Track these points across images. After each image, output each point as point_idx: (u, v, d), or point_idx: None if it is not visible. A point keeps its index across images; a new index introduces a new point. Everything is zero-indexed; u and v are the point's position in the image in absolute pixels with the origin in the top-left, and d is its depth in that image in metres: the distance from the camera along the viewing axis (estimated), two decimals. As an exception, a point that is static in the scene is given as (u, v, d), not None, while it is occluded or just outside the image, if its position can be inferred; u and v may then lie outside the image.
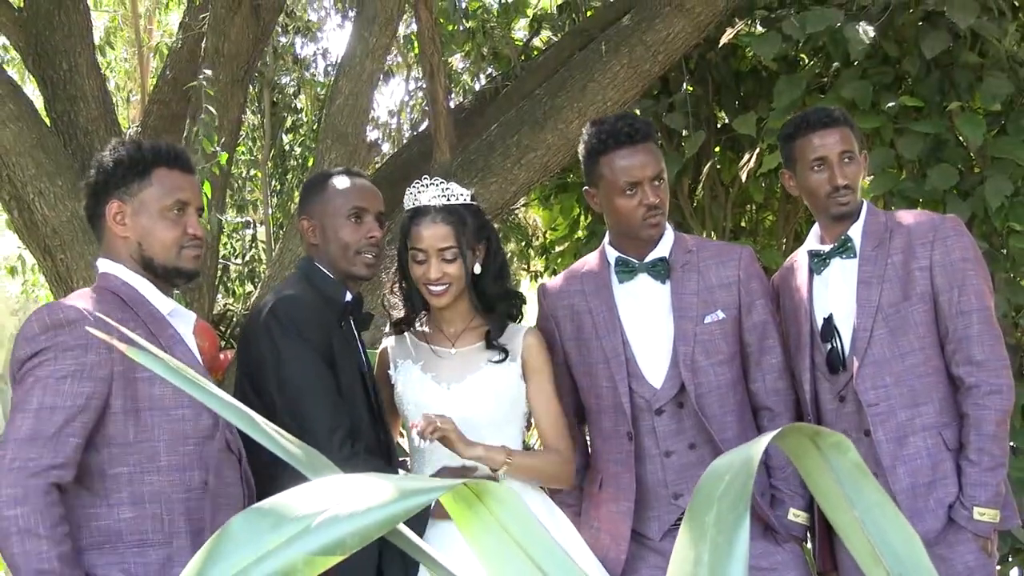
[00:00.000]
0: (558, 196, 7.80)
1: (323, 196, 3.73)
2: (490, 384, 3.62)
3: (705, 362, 3.70)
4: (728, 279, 3.77)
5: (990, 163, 5.68)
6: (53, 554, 2.88)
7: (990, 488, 3.58)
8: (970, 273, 3.67)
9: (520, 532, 1.03)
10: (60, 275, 5.65)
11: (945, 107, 5.71)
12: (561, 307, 3.91)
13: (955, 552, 3.59)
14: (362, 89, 5.77)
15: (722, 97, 7.05)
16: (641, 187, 3.67)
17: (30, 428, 2.93)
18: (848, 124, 3.83)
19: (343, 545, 0.97)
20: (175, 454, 3.11)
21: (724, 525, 0.91)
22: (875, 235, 3.75)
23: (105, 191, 3.25)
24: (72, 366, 2.98)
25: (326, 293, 3.62)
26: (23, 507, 2.87)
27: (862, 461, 1.00)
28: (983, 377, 3.61)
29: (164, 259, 3.23)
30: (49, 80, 6.15)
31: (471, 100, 8.09)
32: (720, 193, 7.30)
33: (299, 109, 9.16)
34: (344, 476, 1.04)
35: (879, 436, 3.66)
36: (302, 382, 3.40)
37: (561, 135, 5.94)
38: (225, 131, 5.86)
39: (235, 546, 1.00)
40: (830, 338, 3.76)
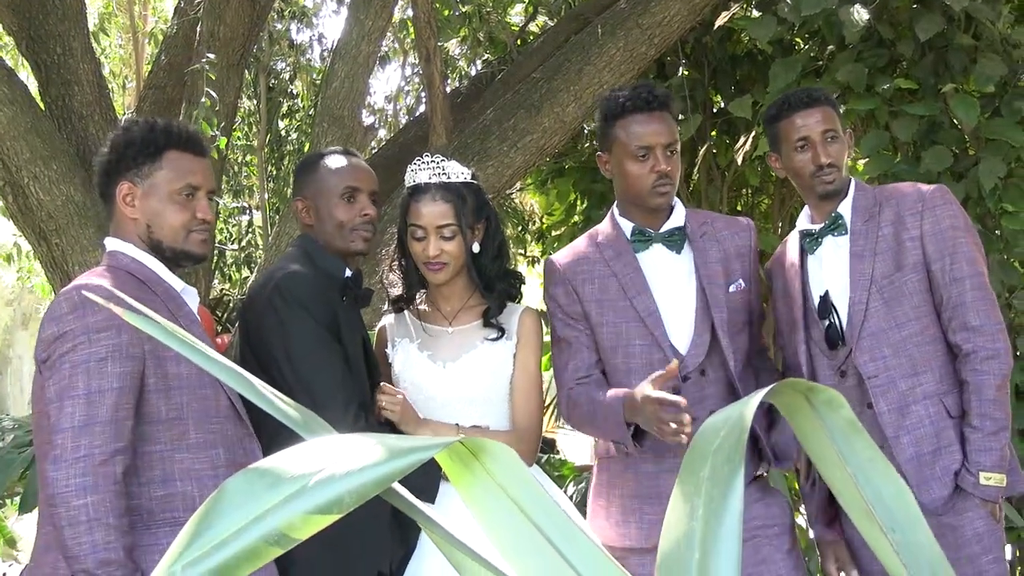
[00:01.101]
0: (555, 181, 7.80)
1: (316, 176, 3.74)
2: (485, 363, 3.64)
3: (733, 329, 3.77)
4: (743, 249, 3.86)
5: (984, 145, 5.68)
6: (119, 545, 2.86)
7: (995, 452, 3.59)
8: (960, 240, 3.68)
9: (517, 490, 1.03)
10: (55, 260, 5.65)
11: (939, 89, 5.71)
12: (580, 272, 3.89)
13: (964, 519, 3.60)
14: (358, 72, 5.77)
15: (718, 80, 7.06)
16: (653, 153, 3.70)
17: (84, 414, 2.90)
18: (830, 103, 3.84)
19: (341, 503, 0.97)
20: (203, 432, 3.11)
21: (719, 478, 0.91)
22: (864, 210, 3.77)
23: (116, 171, 3.24)
24: (108, 347, 2.95)
25: (326, 269, 3.63)
26: (93, 496, 2.85)
27: (855, 417, 1.01)
28: (980, 343, 3.62)
29: (172, 242, 3.23)
30: (43, 64, 6.13)
31: (467, 85, 8.08)
32: (716, 177, 7.31)
33: (295, 94, 9.15)
34: (340, 436, 1.04)
35: (881, 407, 3.67)
36: (313, 357, 3.41)
37: (557, 119, 5.94)
38: (221, 116, 5.85)
39: (233, 506, 1.00)
40: (827, 315, 3.77)
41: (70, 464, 2.87)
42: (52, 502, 2.89)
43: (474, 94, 7.55)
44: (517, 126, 5.94)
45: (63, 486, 2.86)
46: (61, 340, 2.97)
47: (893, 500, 1.00)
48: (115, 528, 2.86)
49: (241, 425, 3.20)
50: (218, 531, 0.99)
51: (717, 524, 0.90)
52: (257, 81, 8.45)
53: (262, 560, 0.98)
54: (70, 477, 2.86)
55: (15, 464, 4.76)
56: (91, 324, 2.96)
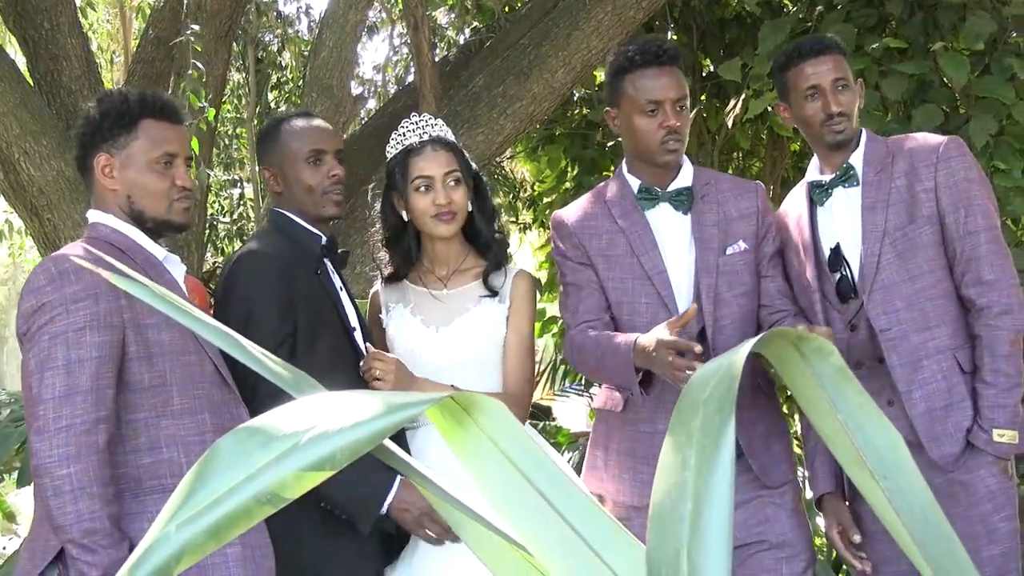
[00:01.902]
0: (545, 148, 7.78)
1: (278, 143, 3.69)
2: (478, 326, 3.64)
3: (728, 294, 3.70)
4: (747, 210, 3.78)
5: (974, 103, 5.68)
6: (104, 514, 2.86)
7: (1008, 409, 3.56)
8: (975, 193, 3.63)
9: (509, 445, 1.03)
10: (48, 236, 5.64)
11: (929, 48, 5.71)
12: (587, 227, 3.85)
13: (976, 476, 3.58)
14: (346, 40, 5.77)
15: (707, 44, 7.05)
16: (663, 108, 3.66)
17: (64, 384, 2.90)
18: (841, 51, 3.79)
19: (333, 460, 0.97)
20: (187, 398, 3.10)
21: (710, 428, 0.91)
22: (877, 160, 3.72)
23: (93, 144, 3.23)
24: (87, 317, 2.95)
25: (299, 241, 3.60)
26: (76, 465, 2.85)
27: (845, 365, 1.01)
28: (994, 297, 3.58)
29: (154, 212, 3.22)
30: (31, 40, 6.10)
31: (456, 53, 8.06)
32: (707, 140, 7.30)
33: (284, 66, 9.12)
34: (331, 393, 1.04)
35: (893, 361, 3.64)
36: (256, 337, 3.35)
37: (546, 84, 5.93)
38: (210, 88, 5.83)
39: (225, 465, 1.00)
40: (839, 267, 3.73)
41: (53, 435, 2.87)
42: (37, 473, 2.90)
43: (463, 62, 7.54)
44: (506, 93, 5.94)
45: (46, 457, 2.87)
46: (40, 312, 2.97)
47: (884, 447, 1.00)
48: (100, 497, 2.87)
49: (227, 390, 3.20)
50: (211, 490, 0.99)
51: (709, 474, 0.90)
52: (245, 53, 8.42)
53: (255, 519, 0.99)
54: (53, 447, 2.87)
55: (12, 438, 4.77)
56: (69, 295, 2.95)
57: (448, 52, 8.28)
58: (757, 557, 3.67)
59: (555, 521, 1.03)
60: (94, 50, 7.81)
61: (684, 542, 0.90)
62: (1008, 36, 5.79)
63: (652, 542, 0.92)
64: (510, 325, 3.72)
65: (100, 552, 2.86)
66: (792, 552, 3.68)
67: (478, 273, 3.73)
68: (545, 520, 1.03)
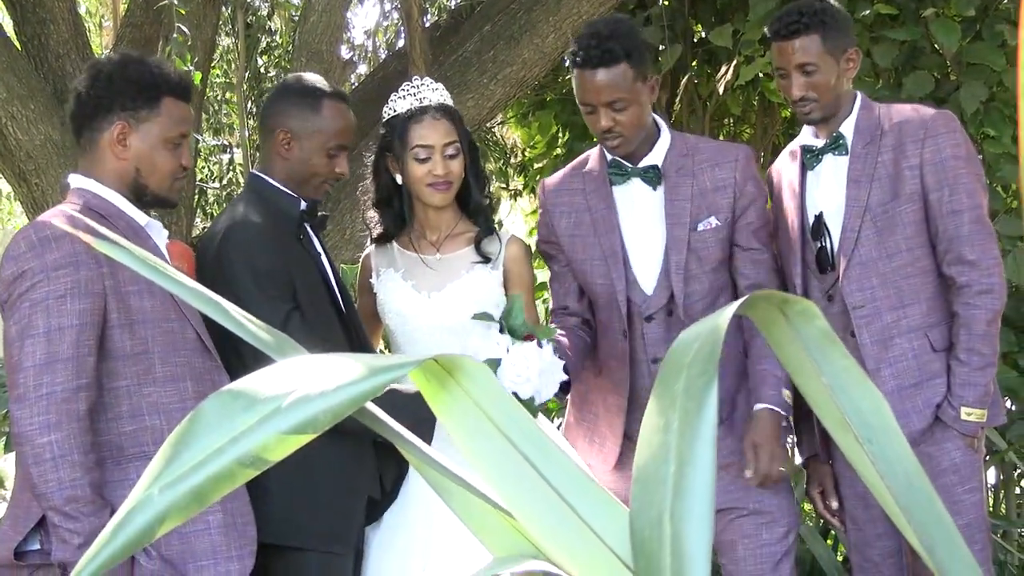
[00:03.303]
0: (535, 114, 7.76)
1: (313, 119, 3.59)
2: (470, 291, 3.63)
3: (698, 269, 3.71)
4: (723, 181, 3.73)
5: (965, 69, 5.66)
6: (85, 481, 2.88)
7: (979, 388, 3.59)
8: (962, 171, 3.62)
9: (492, 407, 1.03)
10: (36, 201, 5.61)
11: (920, 14, 5.69)
12: (559, 203, 3.89)
13: (942, 449, 3.62)
14: (335, 5, 5.73)
15: (698, 10, 7.00)
16: (596, 110, 3.64)
17: (45, 352, 2.90)
18: (815, 30, 3.65)
19: (315, 423, 0.97)
20: (169, 365, 3.11)
21: (694, 391, 0.91)
22: (867, 132, 3.70)
23: (110, 108, 3.19)
24: (67, 284, 2.94)
25: (279, 206, 3.55)
26: (57, 433, 2.86)
27: (830, 328, 1.01)
28: (975, 276, 3.59)
29: (158, 188, 3.24)
30: (18, 3, 6.05)
31: (446, 18, 8.00)
32: (698, 107, 7.27)
33: (273, 31, 9.05)
34: (313, 356, 1.04)
35: (863, 339, 3.66)
36: (256, 307, 3.32)
37: (537, 50, 5.91)
38: (198, 52, 5.79)
39: (208, 428, 1.00)
40: (820, 236, 3.74)
41: (33, 402, 2.88)
42: (18, 441, 2.92)
43: (453, 27, 7.49)
44: (497, 58, 5.92)
45: (27, 424, 2.88)
46: (20, 279, 2.97)
47: (869, 410, 1.00)
48: (81, 465, 2.88)
49: (209, 358, 3.20)
50: (194, 453, 0.99)
51: (692, 436, 0.90)
52: (235, 18, 8.35)
53: (237, 481, 0.98)
54: (34, 415, 2.88)
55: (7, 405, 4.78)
56: (49, 262, 2.95)
57: (439, 17, 8.22)
58: (738, 522, 3.71)
59: (538, 484, 1.03)
60: (82, 14, 7.76)
61: (667, 505, 0.90)
62: (999, 2, 5.78)
63: (635, 505, 0.92)
64: (513, 287, 3.73)
65: (82, 519, 2.87)
66: (772, 517, 3.71)
67: (470, 239, 3.72)
68: (528, 483, 1.03)
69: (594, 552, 1.02)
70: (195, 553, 3.05)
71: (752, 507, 3.70)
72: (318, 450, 1.58)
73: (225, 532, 3.08)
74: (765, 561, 3.71)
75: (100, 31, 9.56)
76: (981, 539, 3.65)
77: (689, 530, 0.88)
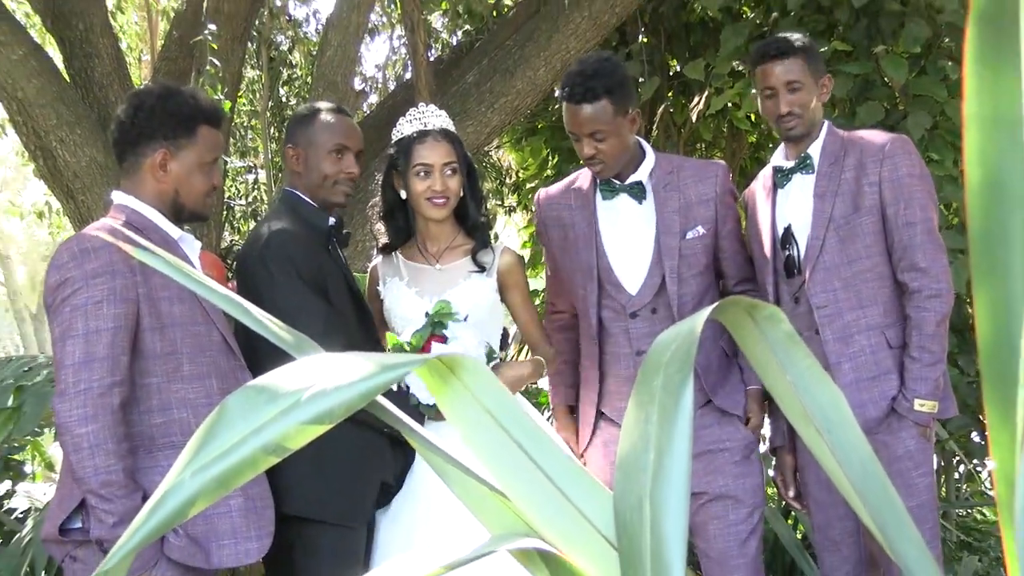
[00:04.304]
0: (528, 139, 7.78)
1: (311, 129, 3.66)
2: (468, 297, 3.63)
3: (688, 273, 3.75)
4: (706, 195, 3.77)
5: (912, 100, 5.67)
6: (119, 467, 2.88)
7: (930, 382, 3.60)
8: (916, 188, 3.65)
9: (490, 401, 1.03)
10: (82, 215, 5.61)
11: (872, 50, 5.70)
12: (551, 217, 3.94)
13: (897, 438, 3.63)
14: (349, 40, 5.74)
15: (673, 46, 7.01)
16: (581, 140, 3.67)
17: (83, 352, 2.91)
18: (803, 53, 3.74)
19: (331, 415, 0.97)
20: (196, 364, 3.11)
21: (671, 387, 0.90)
22: (832, 153, 3.74)
23: (152, 136, 3.20)
24: (104, 291, 2.95)
25: (311, 220, 3.57)
26: (93, 424, 2.87)
27: (794, 331, 1.00)
28: (925, 282, 3.61)
29: (194, 206, 3.25)
30: (67, 40, 6.06)
31: (448, 53, 8.02)
32: (673, 133, 7.28)
33: (294, 64, 9.06)
34: (329, 355, 1.03)
35: (826, 335, 3.68)
36: (298, 309, 3.34)
37: (529, 82, 5.92)
38: (227, 83, 5.79)
39: (235, 418, 0.99)
40: (788, 245, 3.77)
41: (72, 397, 2.89)
42: (60, 431, 2.92)
43: (454, 61, 7.50)
44: (493, 89, 5.92)
45: (67, 417, 2.89)
46: (63, 286, 2.97)
47: (828, 405, 1.00)
48: (114, 453, 2.88)
49: (233, 358, 3.21)
50: (221, 442, 0.98)
51: (670, 427, 0.89)
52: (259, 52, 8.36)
53: (260, 468, 0.98)
54: (73, 408, 2.88)
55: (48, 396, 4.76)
56: (88, 271, 2.95)
57: (442, 52, 8.24)
58: (708, 505, 3.72)
59: (531, 470, 1.03)
60: (123, 49, 7.76)
61: (647, 489, 0.89)
62: (942, 41, 5.79)
63: (618, 489, 0.92)
64: (514, 300, 3.77)
65: (116, 501, 2.88)
66: (738, 500, 3.72)
67: (467, 250, 3.72)
68: (522, 469, 1.02)
69: (582, 531, 1.01)
70: (218, 533, 3.05)
71: (722, 491, 3.71)
72: (337, 438, 1.58)
73: (245, 515, 3.08)
74: (733, 539, 3.71)
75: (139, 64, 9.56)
76: (932, 518, 3.66)
77: (667, 512, 0.88)
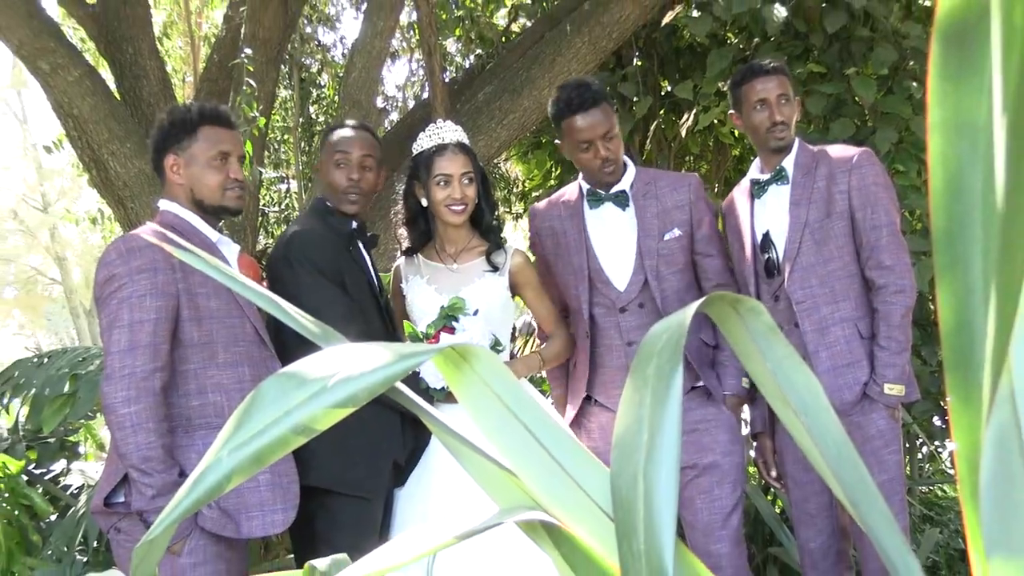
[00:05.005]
0: (534, 152, 7.76)
1: (323, 146, 3.74)
2: (482, 294, 3.64)
3: (666, 271, 3.76)
4: (681, 202, 3.79)
5: (880, 117, 5.67)
6: (158, 444, 2.91)
7: (897, 368, 3.61)
8: (881, 195, 3.67)
9: (499, 386, 1.02)
10: (131, 220, 5.63)
11: (844, 72, 5.69)
12: (544, 227, 3.96)
13: (869, 419, 3.63)
14: (372, 64, 5.75)
15: (665, 68, 7.00)
16: (594, 145, 3.68)
17: (128, 340, 2.94)
18: (785, 73, 3.81)
19: (355, 398, 0.96)
20: (230, 353, 3.12)
21: (663, 373, 0.90)
22: (804, 165, 3.75)
23: (164, 147, 3.26)
24: (147, 286, 2.97)
25: (332, 223, 3.60)
26: (136, 406, 2.89)
27: (774, 323, 0.99)
28: (891, 279, 3.63)
29: (211, 199, 3.24)
30: (118, 62, 6.09)
31: (462, 75, 8.02)
32: (665, 147, 7.26)
33: (322, 85, 9.06)
34: (352, 344, 1.03)
35: (805, 327, 3.69)
36: (317, 300, 3.37)
37: (535, 100, 5.92)
38: (262, 101, 5.80)
39: (268, 402, 0.99)
40: (768, 249, 3.78)
41: (117, 380, 2.92)
42: (105, 412, 2.94)
43: (467, 82, 7.49)
44: (502, 107, 5.93)
45: (112, 398, 2.91)
46: (110, 281, 3.00)
47: (804, 390, 0.99)
48: (154, 431, 2.91)
49: (264, 348, 3.22)
50: (256, 423, 0.98)
51: (662, 410, 0.89)
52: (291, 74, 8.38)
53: (290, 447, 0.98)
54: (118, 391, 2.91)
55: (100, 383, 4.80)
56: (133, 267, 2.98)
57: (456, 74, 8.23)
58: (695, 480, 3.71)
59: (536, 449, 1.02)
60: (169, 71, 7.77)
61: (641, 466, 0.89)
62: (907, 64, 5.77)
63: (615, 466, 0.91)
64: (528, 295, 3.79)
65: (155, 475, 2.90)
66: (722, 475, 3.73)
67: (481, 251, 3.72)
68: (528, 448, 1.02)
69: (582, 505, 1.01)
70: (247, 505, 3.06)
71: (709, 463, 3.72)
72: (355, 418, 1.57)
73: (272, 489, 3.10)
74: (718, 513, 3.71)
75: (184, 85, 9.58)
76: (900, 491, 3.66)
77: (659, 487, 0.87)
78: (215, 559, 3.03)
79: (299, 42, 8.42)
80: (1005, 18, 0.66)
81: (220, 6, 9.61)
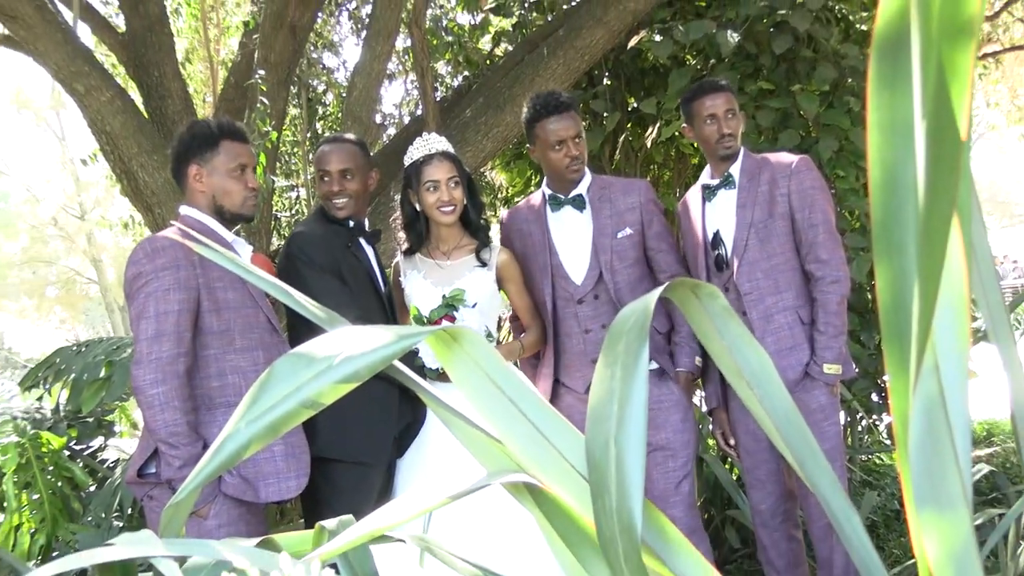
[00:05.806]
0: (515, 162, 7.74)
1: (315, 159, 3.72)
2: (472, 287, 3.63)
3: (619, 265, 3.75)
4: (633, 204, 3.80)
5: (822, 128, 5.67)
6: (183, 421, 2.91)
7: (834, 350, 3.63)
8: (818, 197, 3.69)
9: (486, 363, 1.02)
10: (159, 225, 5.58)
11: (790, 89, 5.69)
12: (513, 230, 3.96)
13: (811, 395, 3.65)
14: (372, 84, 5.71)
15: (631, 86, 6.98)
16: (566, 143, 3.69)
17: (155, 329, 2.93)
18: (730, 90, 3.82)
19: (358, 375, 0.96)
20: (246, 340, 3.12)
21: (631, 350, 0.90)
22: (749, 172, 3.76)
23: (186, 158, 3.23)
24: (171, 281, 2.97)
25: (332, 224, 3.62)
26: (163, 387, 2.90)
27: (729, 306, 1.00)
28: (827, 271, 3.64)
29: (232, 207, 3.23)
30: (145, 84, 6.05)
31: (451, 94, 8.00)
32: (632, 157, 7.25)
33: (327, 103, 9.03)
34: (355, 327, 1.03)
35: (752, 315, 3.70)
36: (315, 290, 3.37)
37: (516, 116, 5.88)
38: (274, 118, 5.78)
39: (280, 379, 0.99)
40: (718, 246, 3.79)
41: (146, 364, 2.92)
42: (136, 392, 2.95)
43: (456, 100, 7.48)
44: (487, 122, 5.91)
45: (142, 380, 2.92)
46: (138, 278, 3.00)
47: (757, 365, 1.00)
48: (180, 410, 2.91)
49: (276, 335, 3.23)
50: (269, 398, 0.98)
51: (630, 383, 0.89)
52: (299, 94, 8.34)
53: (300, 419, 0.97)
54: (146, 374, 2.91)
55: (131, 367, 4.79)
56: (158, 265, 2.98)
57: (445, 93, 8.21)
58: (651, 454, 3.74)
59: (520, 420, 1.02)
60: (191, 92, 7.73)
61: (612, 433, 0.89)
62: (846, 81, 5.78)
63: (589, 433, 0.91)
64: (510, 289, 3.78)
65: (181, 448, 2.91)
66: (675, 450, 3.74)
67: (471, 249, 3.72)
68: (512, 418, 1.02)
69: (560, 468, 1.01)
70: (264, 473, 3.07)
71: (662, 443, 3.74)
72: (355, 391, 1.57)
73: (286, 458, 3.11)
74: (671, 482, 3.73)
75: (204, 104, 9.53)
76: (840, 458, 3.67)
77: (628, 452, 0.87)
78: (237, 521, 3.03)
79: (306, 65, 8.39)
80: (923, 32, 0.67)
81: (236, 34, 9.57)
